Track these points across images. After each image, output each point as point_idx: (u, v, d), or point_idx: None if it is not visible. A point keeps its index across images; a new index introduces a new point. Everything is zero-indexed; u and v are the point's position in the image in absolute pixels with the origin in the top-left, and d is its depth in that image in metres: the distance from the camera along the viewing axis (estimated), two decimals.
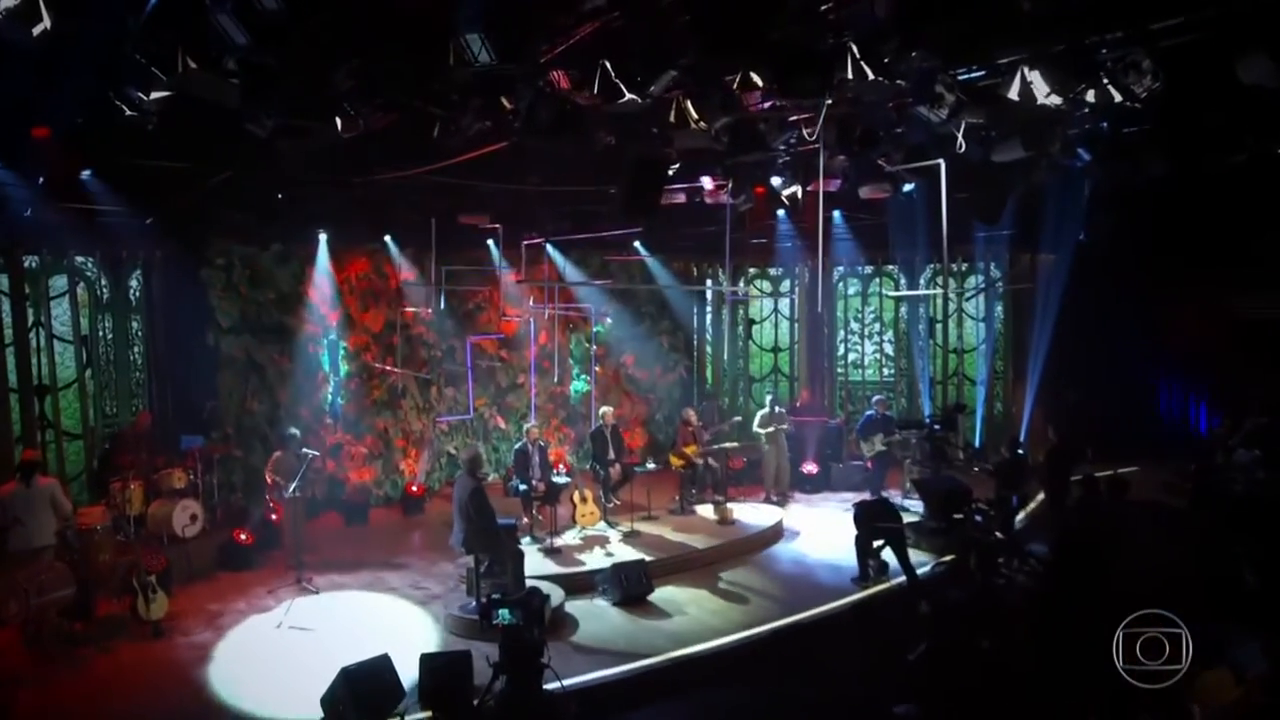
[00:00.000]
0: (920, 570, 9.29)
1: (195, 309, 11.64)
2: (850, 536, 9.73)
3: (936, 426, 11.66)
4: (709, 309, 17.16)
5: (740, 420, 14.16)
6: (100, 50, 6.47)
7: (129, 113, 7.01)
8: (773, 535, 11.43)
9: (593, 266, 15.00)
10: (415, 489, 13.14)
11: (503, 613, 5.51)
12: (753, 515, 11.86)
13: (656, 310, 15.98)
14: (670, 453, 12.65)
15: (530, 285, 13.43)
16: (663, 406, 16.01)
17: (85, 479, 11.24)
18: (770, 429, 12.99)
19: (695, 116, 7.45)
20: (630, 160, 8.35)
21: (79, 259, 11.27)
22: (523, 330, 14.18)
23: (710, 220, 12.44)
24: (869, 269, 16.34)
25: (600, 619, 8.69)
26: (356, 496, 12.65)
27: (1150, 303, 14.19)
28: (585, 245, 13.83)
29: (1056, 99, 6.66)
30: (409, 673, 6.68)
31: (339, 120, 7.58)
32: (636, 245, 14.74)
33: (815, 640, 8.23)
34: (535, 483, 10.85)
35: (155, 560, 8.74)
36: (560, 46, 7.01)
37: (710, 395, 16.40)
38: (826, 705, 6.86)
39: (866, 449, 12.70)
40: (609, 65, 6.52)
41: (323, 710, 6.30)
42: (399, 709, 6.41)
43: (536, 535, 10.74)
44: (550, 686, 5.99)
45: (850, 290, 16.66)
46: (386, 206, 12.15)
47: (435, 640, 8.10)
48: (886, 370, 16.46)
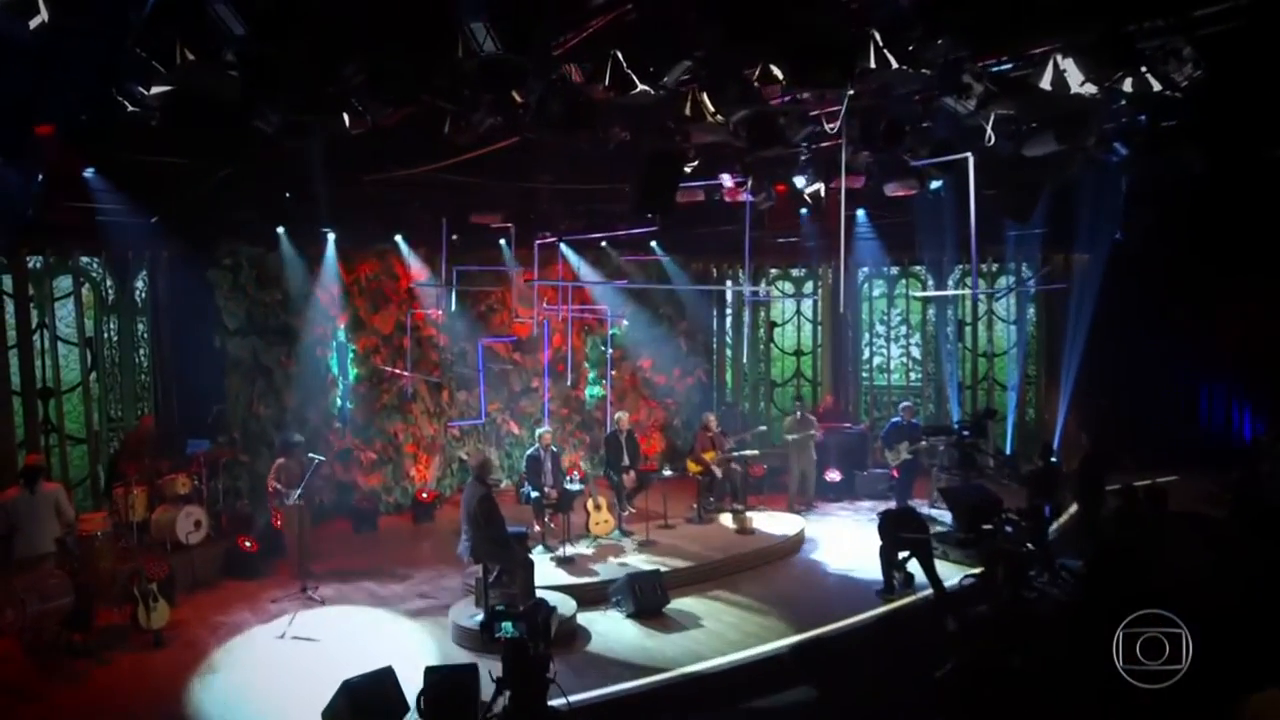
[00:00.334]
0: (948, 584, 9.09)
1: (202, 311, 11.64)
2: (874, 547, 9.56)
3: (965, 433, 11.46)
4: (729, 311, 17.01)
5: (764, 429, 13.99)
6: (101, 44, 6.45)
7: (130, 109, 7.01)
8: (794, 545, 11.26)
9: (609, 267, 14.90)
10: (425, 496, 13.09)
11: (505, 625, 5.41)
12: (773, 524, 11.69)
13: (675, 312, 15.85)
14: (688, 459, 12.51)
15: (542, 285, 13.33)
16: (681, 411, 15.87)
17: (90, 485, 11.28)
18: (797, 435, 12.81)
19: (711, 109, 7.32)
20: (644, 155, 8.23)
21: (84, 259, 11.32)
22: (536, 332, 14.11)
23: (730, 219, 12.31)
24: (895, 270, 16.13)
25: (613, 631, 8.57)
26: (366, 503, 12.61)
27: (1190, 305, 13.86)
28: (601, 245, 13.75)
29: (1092, 88, 6.46)
30: (415, 686, 6.58)
31: (347, 117, 7.53)
32: (653, 245, 14.62)
33: (837, 656, 8.04)
34: (547, 489, 10.75)
35: (157, 568, 8.72)
36: (573, 40, 6.94)
37: (731, 401, 16.24)
38: None
39: (892, 456, 12.51)
40: (620, 56, 6.40)
41: None
42: None
43: (548, 544, 10.64)
44: (556, 703, 5.88)
45: (875, 292, 16.46)
46: (397, 205, 12.14)
47: (442, 652, 8.00)
48: (913, 375, 16.24)
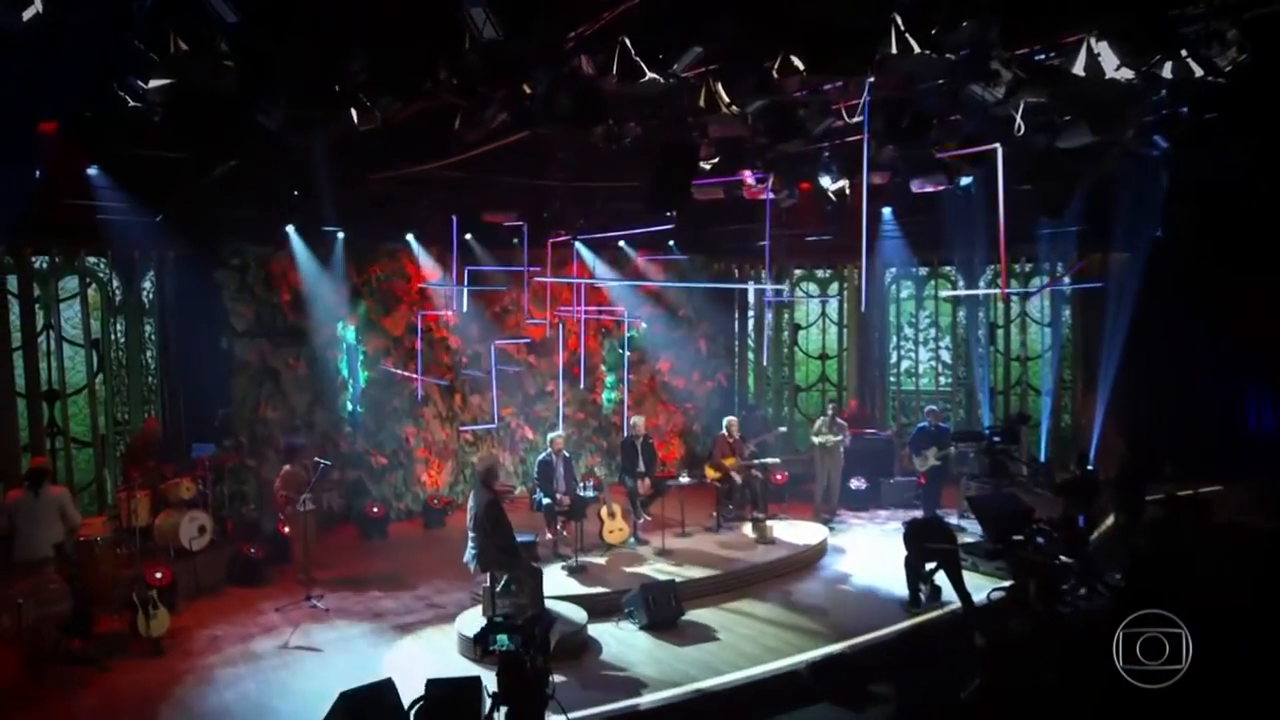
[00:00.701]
0: (976, 597, 8.86)
1: (209, 312, 11.66)
2: (900, 558, 9.35)
3: (996, 439, 11.21)
4: (751, 312, 16.83)
5: (785, 431, 13.79)
6: (99, 37, 6.41)
7: (132, 104, 6.98)
8: (816, 555, 11.06)
9: (626, 267, 14.78)
10: (436, 502, 13.02)
11: (500, 638, 5.27)
12: (795, 534, 11.50)
13: (695, 313, 15.70)
14: (706, 465, 12.34)
15: (557, 286, 13.22)
16: (701, 416, 15.71)
17: (96, 489, 11.30)
18: (825, 439, 12.61)
19: (726, 100, 7.16)
20: (657, 146, 8.09)
21: (90, 260, 11.35)
22: (551, 334, 14.02)
23: (751, 218, 12.14)
24: (924, 270, 15.88)
25: (625, 644, 8.42)
26: (376, 509, 12.54)
27: (1235, 305, 13.47)
28: (618, 244, 13.63)
29: (1128, 73, 6.22)
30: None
31: (355, 113, 7.46)
32: (671, 244, 14.49)
33: (858, 672, 7.84)
34: (559, 496, 10.64)
35: (158, 574, 8.69)
36: (585, 31, 6.81)
37: (753, 405, 16.05)
38: None
39: (919, 463, 12.28)
40: (629, 42, 6.26)
41: None
42: None
43: (561, 552, 10.52)
44: (556, 719, 5.75)
45: (904, 293, 16.21)
46: (408, 204, 12.09)
47: (448, 665, 7.88)
48: (943, 379, 15.96)
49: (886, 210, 13.81)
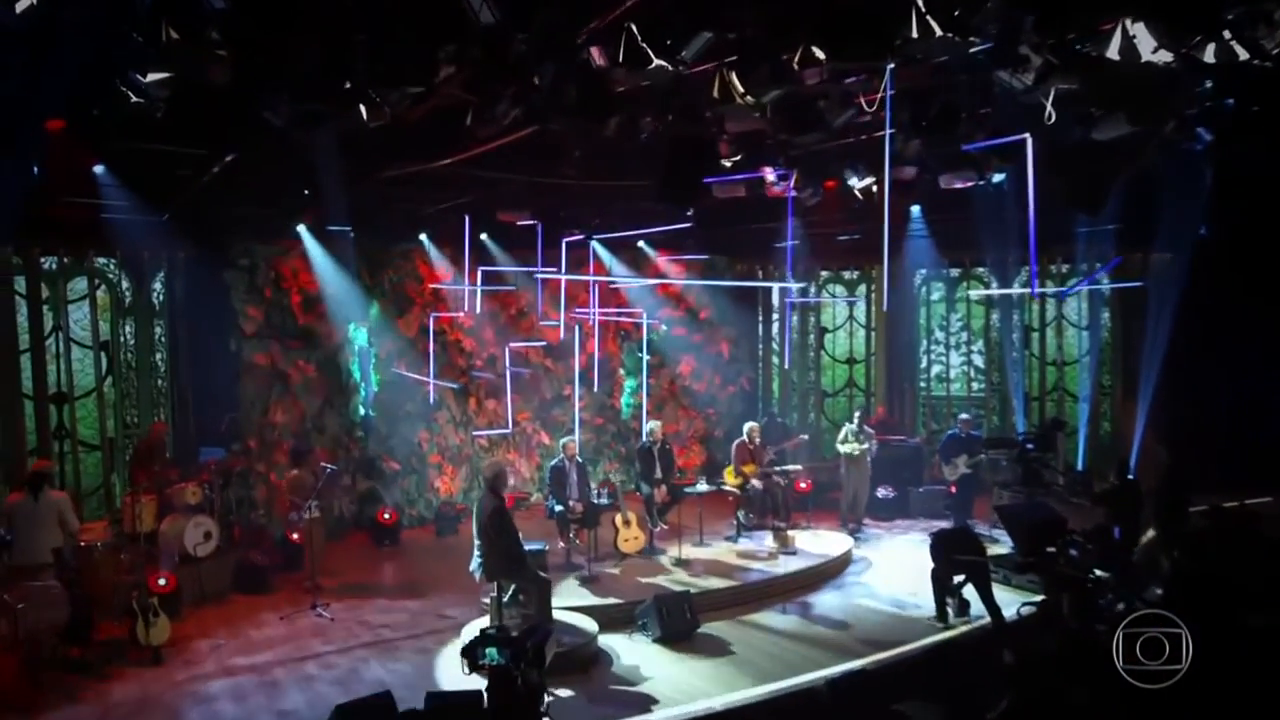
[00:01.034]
0: (1007, 612, 8.57)
1: (219, 313, 11.64)
2: (927, 570, 9.09)
3: (1029, 446, 10.87)
4: (775, 315, 16.58)
5: (807, 438, 13.55)
6: (99, 31, 6.37)
7: (135, 99, 6.93)
8: (839, 567, 10.83)
9: (645, 267, 14.62)
10: (448, 509, 12.93)
11: (489, 651, 5.12)
12: (817, 544, 11.26)
13: (716, 316, 15.50)
14: (726, 472, 12.13)
15: (574, 288, 13.10)
16: (722, 422, 15.48)
17: (104, 494, 11.32)
18: (852, 448, 12.36)
19: (741, 90, 6.97)
20: (669, 138, 7.93)
21: (99, 260, 11.38)
22: (568, 337, 13.87)
23: (774, 217, 11.94)
24: (955, 271, 15.55)
25: (637, 657, 8.24)
26: (388, 515, 12.45)
27: None
28: (636, 244, 13.47)
29: (1166, 56, 5.95)
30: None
31: (364, 109, 7.36)
32: (691, 244, 14.32)
33: (881, 690, 7.60)
34: (572, 503, 10.48)
35: (162, 580, 8.65)
36: (596, 25, 6.67)
37: (773, 412, 15.81)
38: None
39: (949, 471, 12.00)
40: (635, 29, 6.10)
41: None
42: None
43: (574, 561, 10.36)
44: None
45: (934, 295, 15.90)
46: (421, 203, 12.02)
47: (451, 678, 7.74)
48: (976, 385, 15.63)
49: (915, 208, 13.51)
